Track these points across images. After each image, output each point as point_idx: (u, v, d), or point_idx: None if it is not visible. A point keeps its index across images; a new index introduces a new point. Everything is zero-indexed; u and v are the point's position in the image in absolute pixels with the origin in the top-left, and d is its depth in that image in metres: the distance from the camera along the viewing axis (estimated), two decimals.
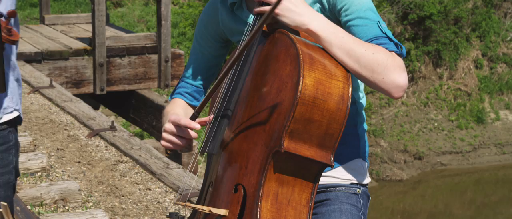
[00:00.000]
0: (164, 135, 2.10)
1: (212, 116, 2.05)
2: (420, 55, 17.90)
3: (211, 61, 2.35)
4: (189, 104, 2.36)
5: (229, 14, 2.25)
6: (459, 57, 18.06)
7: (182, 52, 9.61)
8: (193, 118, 2.06)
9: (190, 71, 2.37)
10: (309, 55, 1.87)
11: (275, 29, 1.98)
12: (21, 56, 8.37)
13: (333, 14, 2.08)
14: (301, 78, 1.82)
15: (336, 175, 2.17)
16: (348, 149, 2.17)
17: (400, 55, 2.00)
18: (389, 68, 1.93)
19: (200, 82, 2.36)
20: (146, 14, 17.99)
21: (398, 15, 17.74)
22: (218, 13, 2.29)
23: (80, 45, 8.96)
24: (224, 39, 2.32)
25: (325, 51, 1.94)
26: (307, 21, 1.94)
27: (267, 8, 1.95)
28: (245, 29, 2.06)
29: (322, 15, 2.00)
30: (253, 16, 2.13)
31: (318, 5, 2.09)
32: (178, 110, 2.27)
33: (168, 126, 2.09)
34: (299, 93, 1.82)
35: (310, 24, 1.94)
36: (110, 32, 9.56)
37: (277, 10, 1.94)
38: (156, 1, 9.08)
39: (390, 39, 2.00)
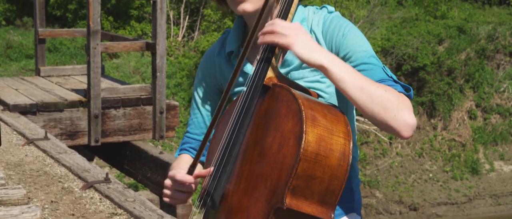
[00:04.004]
0: (164, 190, 2.15)
1: (211, 169, 2.04)
2: (414, 106, 17.97)
3: (211, 114, 2.36)
4: None
5: (226, 64, 2.25)
6: (453, 108, 18.11)
7: (177, 103, 9.62)
8: (190, 171, 2.07)
9: (192, 127, 2.39)
10: (311, 111, 1.86)
11: (276, 84, 1.98)
12: (16, 108, 8.35)
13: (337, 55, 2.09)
14: (303, 134, 1.81)
15: None
16: (342, 203, 2.16)
17: (408, 96, 2.00)
18: (400, 106, 1.93)
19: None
20: (141, 65, 18.06)
21: (392, 66, 17.85)
22: (215, 66, 2.30)
23: (75, 97, 8.96)
24: (222, 92, 2.32)
25: (325, 107, 1.93)
26: (319, 56, 1.93)
27: (273, 39, 1.95)
28: (247, 79, 2.06)
29: (332, 53, 2.00)
30: (251, 66, 2.14)
31: None
32: (183, 166, 2.27)
33: (167, 181, 2.13)
34: (302, 150, 1.80)
35: (323, 59, 1.93)
36: (105, 83, 9.57)
37: (291, 42, 1.94)
38: (151, 53, 9.12)
39: (396, 82, 2.01)
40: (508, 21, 20.37)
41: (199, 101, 2.37)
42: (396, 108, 1.92)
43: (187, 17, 21.52)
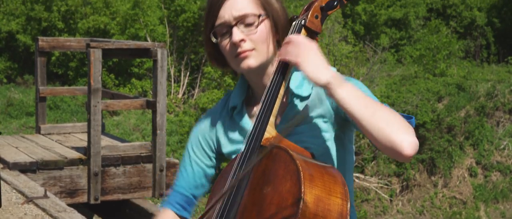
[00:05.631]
0: None
1: None
2: (414, 163, 17.94)
3: (203, 171, 2.33)
4: (178, 215, 2.33)
5: (228, 120, 2.25)
6: (453, 165, 18.08)
7: (177, 161, 9.61)
8: None
9: (181, 181, 2.35)
10: (309, 172, 1.87)
11: (273, 144, 1.98)
12: (16, 166, 8.34)
13: (337, 111, 2.10)
14: (302, 195, 1.81)
15: None
16: None
17: (410, 123, 1.99)
18: (404, 126, 1.92)
19: (191, 192, 2.33)
20: (141, 122, 18.09)
21: None
22: (216, 123, 2.30)
23: (75, 155, 8.96)
24: (218, 152, 2.32)
25: (322, 168, 1.93)
26: (325, 74, 1.94)
27: (284, 56, 1.99)
28: (245, 138, 2.06)
29: (338, 72, 2.01)
30: (249, 120, 2.15)
31: (320, 109, 2.11)
32: None
33: None
34: (300, 211, 1.80)
35: (328, 78, 1.94)
36: (105, 141, 9.58)
37: (298, 60, 1.96)
38: (152, 111, 9.15)
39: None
40: (507, 79, 20.48)
41: (192, 155, 2.34)
42: (399, 125, 1.91)
43: (188, 74, 21.65)
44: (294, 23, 2.12)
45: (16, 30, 21.96)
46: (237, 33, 2.10)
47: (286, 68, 2.05)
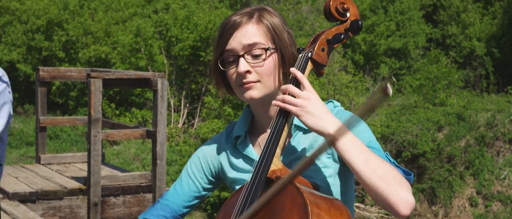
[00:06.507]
0: None
1: None
2: (415, 193, 17.89)
3: (197, 192, 2.33)
4: None
5: (232, 149, 2.26)
6: (454, 195, 18.04)
7: None
8: None
9: (172, 196, 2.33)
10: (316, 205, 1.87)
11: (279, 177, 1.98)
12: (16, 197, 8.33)
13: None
14: None
15: None
16: None
17: (408, 180, 2.01)
18: (402, 184, 1.93)
19: (180, 208, 2.32)
20: (141, 151, 18.08)
21: (392, 152, 17.87)
22: (220, 149, 2.30)
23: (75, 185, 8.95)
24: (216, 177, 2.32)
25: (328, 200, 1.94)
26: (326, 125, 1.95)
27: (284, 105, 1.99)
28: (252, 168, 2.06)
29: (340, 122, 2.01)
30: (253, 150, 2.15)
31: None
32: None
33: None
34: None
35: (329, 129, 1.95)
36: (105, 171, 9.58)
37: (300, 112, 1.97)
38: (152, 141, 9.15)
39: (398, 166, 2.03)
40: (506, 109, 20.51)
41: (191, 174, 2.34)
42: (398, 184, 1.92)
43: (188, 104, 21.68)
44: (300, 55, 2.12)
45: (16, 60, 22.04)
46: (244, 64, 2.11)
47: (288, 112, 2.04)
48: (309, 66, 2.10)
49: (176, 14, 21.61)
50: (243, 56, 2.11)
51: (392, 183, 1.92)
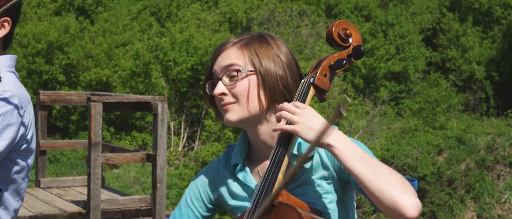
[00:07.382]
0: None
1: None
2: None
3: None
4: None
5: (230, 176, 2.25)
6: None
7: None
8: None
9: None
10: None
11: (281, 202, 1.98)
12: None
13: (340, 173, 2.08)
14: None
15: None
16: None
17: (412, 185, 1.96)
18: (406, 186, 1.89)
19: None
20: (141, 175, 18.06)
21: None
22: (219, 176, 2.29)
23: (75, 208, 8.93)
24: (214, 205, 2.32)
25: None
26: (326, 137, 1.93)
27: (280, 126, 1.98)
28: (255, 191, 2.04)
29: (341, 132, 1.99)
30: (252, 177, 2.15)
31: (324, 171, 2.11)
32: None
33: None
34: None
35: (330, 140, 1.92)
36: (105, 195, 9.56)
37: (298, 130, 1.95)
38: (152, 164, 9.14)
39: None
40: (507, 132, 20.51)
41: (190, 202, 2.34)
42: (402, 187, 1.87)
43: (188, 127, 21.68)
44: (302, 81, 2.11)
45: None
46: (220, 86, 2.11)
47: (288, 141, 2.02)
48: (311, 91, 2.09)
49: (175, 37, 21.67)
50: (221, 78, 2.12)
51: (395, 185, 1.87)
